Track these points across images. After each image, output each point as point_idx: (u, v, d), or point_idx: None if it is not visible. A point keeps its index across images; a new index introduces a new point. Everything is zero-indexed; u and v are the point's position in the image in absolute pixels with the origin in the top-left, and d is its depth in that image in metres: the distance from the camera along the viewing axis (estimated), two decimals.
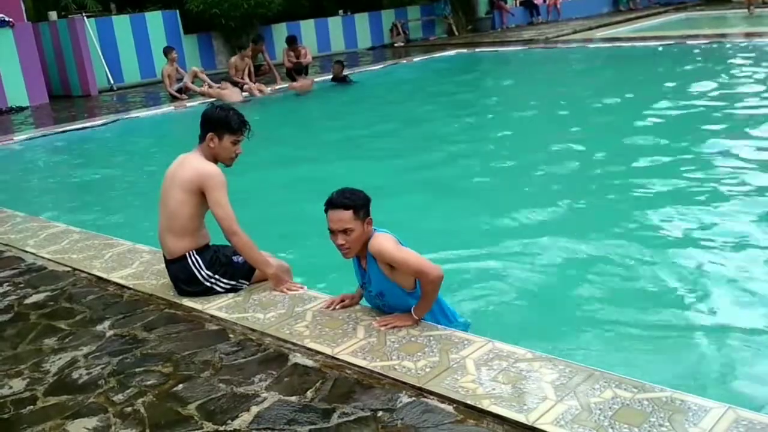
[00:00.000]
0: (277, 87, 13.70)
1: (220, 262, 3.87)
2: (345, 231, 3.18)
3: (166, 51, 13.55)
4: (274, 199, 6.60)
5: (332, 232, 3.22)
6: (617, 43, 16.56)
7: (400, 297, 3.29)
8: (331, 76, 13.74)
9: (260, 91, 13.09)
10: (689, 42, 15.28)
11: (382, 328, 3.27)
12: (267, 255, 3.93)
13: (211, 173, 3.75)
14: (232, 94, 12.11)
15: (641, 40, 16.51)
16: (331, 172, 7.15)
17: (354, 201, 3.18)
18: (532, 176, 6.78)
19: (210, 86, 12.82)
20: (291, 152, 8.63)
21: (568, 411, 2.54)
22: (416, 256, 3.19)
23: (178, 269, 3.87)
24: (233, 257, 3.90)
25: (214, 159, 3.85)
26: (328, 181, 4.17)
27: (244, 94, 12.69)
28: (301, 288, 3.85)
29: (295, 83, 13.48)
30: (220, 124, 3.80)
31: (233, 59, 13.70)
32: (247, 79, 13.39)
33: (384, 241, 3.20)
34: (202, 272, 3.83)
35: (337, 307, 3.54)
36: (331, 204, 3.21)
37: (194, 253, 3.84)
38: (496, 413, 2.59)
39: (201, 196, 3.77)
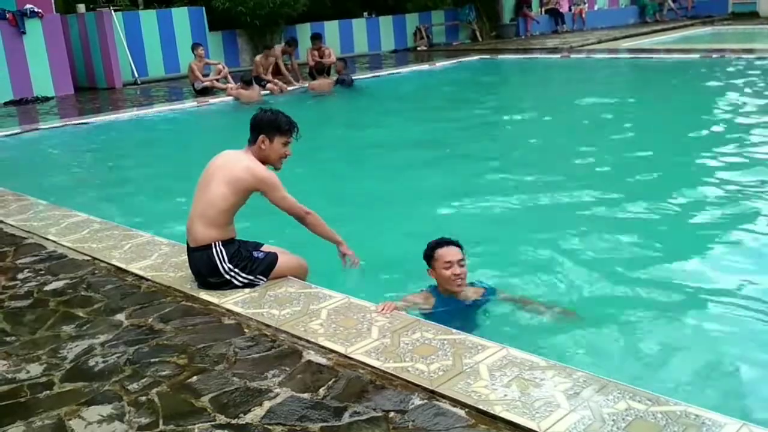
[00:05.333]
0: (297, 86, 13.74)
1: (241, 256, 3.91)
2: (461, 262, 3.75)
3: (193, 47, 13.69)
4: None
5: (450, 264, 3.74)
6: (642, 54, 16.46)
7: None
8: (342, 79, 13.69)
9: (282, 90, 13.16)
10: (715, 56, 15.16)
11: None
12: (286, 251, 3.98)
13: (266, 176, 3.91)
14: (251, 94, 12.17)
15: (666, 53, 16.41)
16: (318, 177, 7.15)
17: (460, 244, 3.83)
18: (551, 186, 6.73)
19: (232, 86, 12.91)
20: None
21: (581, 421, 2.53)
22: None
23: (201, 258, 3.90)
24: (254, 252, 3.94)
25: (264, 161, 3.96)
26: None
27: (265, 92, 12.75)
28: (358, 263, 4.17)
29: (314, 82, 13.53)
30: (271, 127, 3.92)
31: (258, 58, 13.76)
32: (270, 77, 13.46)
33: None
34: (224, 264, 3.87)
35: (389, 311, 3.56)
36: (448, 243, 3.80)
37: (220, 243, 3.88)
38: (508, 419, 2.58)
39: (245, 196, 3.90)
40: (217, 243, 3.88)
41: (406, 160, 8.08)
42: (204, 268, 3.91)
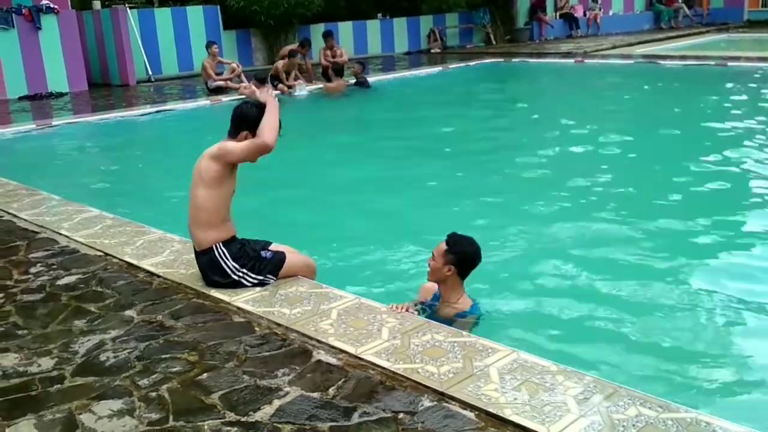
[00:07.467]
0: (312, 86, 13.78)
1: (248, 256, 3.90)
2: (433, 255, 3.75)
3: (207, 45, 13.73)
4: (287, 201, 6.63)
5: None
6: (656, 61, 16.38)
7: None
8: (354, 80, 13.70)
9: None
10: (730, 64, 15.06)
11: None
12: (294, 250, 4.01)
13: (225, 143, 3.83)
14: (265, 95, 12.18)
15: (681, 59, 16.31)
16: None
17: (455, 245, 3.71)
18: (564, 190, 6.71)
19: (245, 85, 12.94)
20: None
21: (591, 426, 2.52)
22: None
23: (206, 261, 3.92)
24: (261, 252, 3.94)
25: None
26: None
27: (276, 92, 12.77)
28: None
29: (330, 83, 13.53)
30: (255, 122, 3.85)
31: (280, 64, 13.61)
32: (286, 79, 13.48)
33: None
34: (229, 264, 3.87)
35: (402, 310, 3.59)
36: (448, 235, 3.76)
37: (221, 245, 3.88)
38: (518, 423, 2.58)
39: (223, 182, 3.80)
40: (218, 245, 3.88)
41: (413, 161, 8.08)
42: (210, 270, 3.92)
